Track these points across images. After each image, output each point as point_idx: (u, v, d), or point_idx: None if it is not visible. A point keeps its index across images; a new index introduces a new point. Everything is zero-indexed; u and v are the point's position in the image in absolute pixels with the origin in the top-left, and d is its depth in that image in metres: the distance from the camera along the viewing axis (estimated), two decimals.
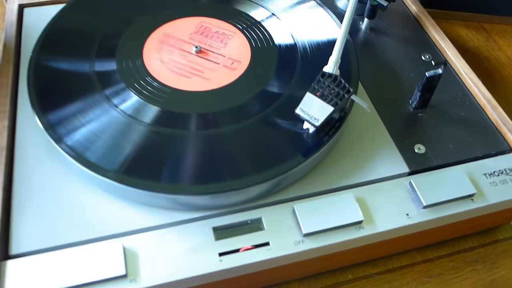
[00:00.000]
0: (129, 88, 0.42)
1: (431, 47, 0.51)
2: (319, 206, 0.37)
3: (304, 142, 0.39)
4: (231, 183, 0.36)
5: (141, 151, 0.38)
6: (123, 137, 0.38)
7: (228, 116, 0.40)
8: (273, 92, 0.42)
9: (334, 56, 0.40)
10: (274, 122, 0.40)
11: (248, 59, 0.44)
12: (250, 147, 0.39)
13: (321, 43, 0.46)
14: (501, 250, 0.45)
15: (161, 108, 0.40)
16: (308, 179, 0.39)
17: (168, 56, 0.44)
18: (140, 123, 0.39)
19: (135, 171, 0.36)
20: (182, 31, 0.46)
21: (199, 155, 0.38)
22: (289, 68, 0.44)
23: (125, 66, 0.43)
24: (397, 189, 0.39)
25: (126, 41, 0.45)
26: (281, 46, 0.46)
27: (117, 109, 0.40)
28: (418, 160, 0.41)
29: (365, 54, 0.50)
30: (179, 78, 0.43)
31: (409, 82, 0.47)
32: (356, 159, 0.41)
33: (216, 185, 0.36)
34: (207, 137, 0.39)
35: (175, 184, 0.36)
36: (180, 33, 0.46)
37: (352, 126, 0.43)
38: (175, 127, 0.39)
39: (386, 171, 0.40)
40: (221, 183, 0.36)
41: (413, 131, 0.43)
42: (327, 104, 0.37)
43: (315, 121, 0.37)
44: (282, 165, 0.37)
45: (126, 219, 0.36)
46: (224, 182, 0.36)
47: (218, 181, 0.36)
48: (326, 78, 0.39)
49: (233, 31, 0.47)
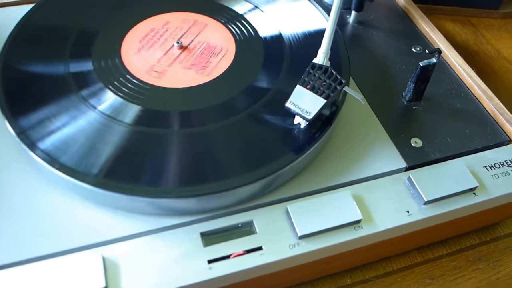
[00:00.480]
0: (107, 88, 0.39)
1: (421, 39, 0.50)
2: (314, 206, 0.35)
3: (295, 138, 0.36)
4: (219, 184, 0.34)
5: (122, 153, 0.35)
6: (102, 139, 0.36)
7: (213, 113, 0.38)
8: (260, 87, 0.40)
9: (324, 47, 0.38)
10: (263, 118, 0.38)
11: (233, 54, 0.42)
12: (238, 145, 0.36)
13: (309, 35, 0.44)
14: (503, 247, 0.43)
15: (142, 106, 0.38)
16: (302, 178, 0.36)
17: (148, 53, 0.42)
18: (120, 124, 0.37)
19: (115, 175, 0.34)
20: (162, 27, 0.44)
21: (183, 155, 0.35)
22: (276, 61, 0.41)
23: (102, 65, 0.41)
24: (395, 185, 0.37)
25: (103, 39, 0.43)
26: (267, 38, 0.43)
27: (95, 110, 0.37)
28: (415, 154, 0.39)
29: (354, 47, 0.48)
30: (161, 75, 0.40)
31: (401, 74, 0.45)
32: (351, 155, 0.38)
33: (203, 186, 0.33)
34: (192, 136, 0.36)
35: (159, 187, 0.33)
36: (161, 28, 0.44)
37: (345, 121, 0.40)
38: (157, 126, 0.37)
39: (383, 166, 0.38)
40: (209, 185, 0.34)
41: (408, 125, 0.41)
42: (319, 96, 0.35)
43: (307, 114, 0.34)
44: (273, 163, 0.35)
45: (106, 227, 0.33)
46: (212, 183, 0.34)
47: (205, 182, 0.34)
48: (317, 70, 0.36)
49: (216, 25, 0.44)
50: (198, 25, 0.44)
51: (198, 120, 0.37)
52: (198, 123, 0.37)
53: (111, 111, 0.37)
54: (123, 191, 0.33)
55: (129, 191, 0.33)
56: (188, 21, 0.44)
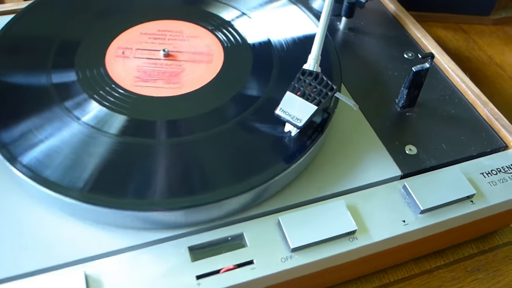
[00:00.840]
0: (91, 98, 0.37)
1: (413, 45, 0.49)
2: (307, 217, 0.33)
3: (286, 147, 0.35)
4: (207, 195, 0.32)
5: (106, 166, 0.34)
6: (87, 151, 0.34)
7: (201, 122, 0.36)
8: (250, 95, 0.38)
9: (314, 52, 0.37)
10: (252, 126, 0.36)
11: (221, 61, 0.41)
12: (227, 155, 0.35)
13: (299, 41, 0.43)
14: (502, 256, 0.41)
15: (128, 116, 0.36)
16: (294, 188, 0.35)
17: (133, 62, 0.40)
18: (105, 134, 0.35)
19: (100, 189, 0.32)
20: (148, 35, 0.43)
21: (170, 166, 0.34)
22: (265, 68, 0.40)
23: (86, 75, 0.39)
24: (390, 194, 0.36)
25: (86, 49, 0.42)
26: (255, 45, 0.42)
27: (79, 121, 0.36)
28: (410, 162, 0.38)
29: (346, 54, 0.47)
30: (147, 84, 0.39)
31: (394, 81, 0.44)
32: (344, 164, 0.37)
33: (191, 198, 0.32)
34: (179, 146, 0.35)
35: (144, 200, 0.32)
36: (146, 37, 0.43)
37: (337, 129, 0.39)
38: (143, 136, 0.35)
39: (377, 175, 0.37)
40: (196, 196, 0.32)
41: (402, 132, 0.40)
42: (310, 103, 0.34)
43: (297, 121, 0.33)
44: (263, 173, 0.33)
45: (89, 243, 0.32)
46: (200, 195, 0.32)
47: (192, 194, 0.32)
48: (307, 76, 0.35)
49: (203, 33, 0.43)
50: (184, 32, 0.43)
51: (185, 130, 0.36)
52: (185, 132, 0.36)
53: (95, 122, 0.36)
54: (107, 205, 0.31)
55: (114, 205, 0.31)
56: (175, 29, 0.43)
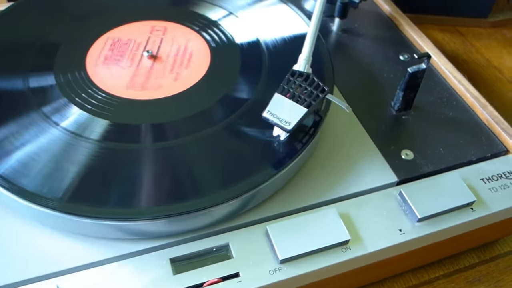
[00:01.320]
0: (71, 103, 0.36)
1: (409, 46, 0.47)
2: (297, 226, 0.31)
3: (275, 152, 0.33)
4: (190, 203, 0.30)
5: (84, 173, 0.32)
6: (66, 158, 0.32)
7: (186, 126, 0.35)
8: (237, 97, 0.37)
9: (305, 53, 0.35)
10: (240, 130, 0.34)
11: (208, 62, 0.39)
12: (213, 160, 0.33)
13: (289, 40, 0.41)
14: (504, 266, 0.39)
15: (111, 121, 0.35)
16: (283, 195, 0.33)
17: (116, 64, 0.39)
18: (86, 140, 0.33)
19: (78, 198, 0.30)
20: (130, 37, 0.41)
21: (152, 173, 0.32)
22: (254, 69, 0.38)
23: (65, 79, 0.37)
24: (386, 201, 0.34)
25: (66, 52, 0.40)
26: (244, 45, 0.41)
27: (58, 127, 0.34)
28: (406, 167, 0.36)
29: (339, 56, 0.45)
30: (130, 87, 0.37)
31: (389, 83, 0.43)
32: (337, 170, 0.35)
33: (173, 206, 0.30)
34: (161, 152, 0.33)
35: (123, 209, 0.30)
36: (128, 39, 0.41)
37: (329, 133, 0.37)
38: (125, 141, 0.34)
39: (371, 181, 0.35)
40: (179, 204, 0.30)
41: (398, 136, 0.38)
42: (300, 105, 0.32)
43: (286, 124, 0.31)
44: (251, 179, 0.31)
45: (65, 255, 0.30)
46: (183, 203, 0.30)
47: (175, 202, 0.30)
48: (297, 77, 0.33)
49: (189, 33, 0.41)
50: (169, 34, 0.41)
51: (169, 134, 0.34)
52: (169, 137, 0.34)
53: (75, 127, 0.34)
54: (83, 214, 0.29)
55: (90, 215, 0.29)
56: (159, 30, 0.41)
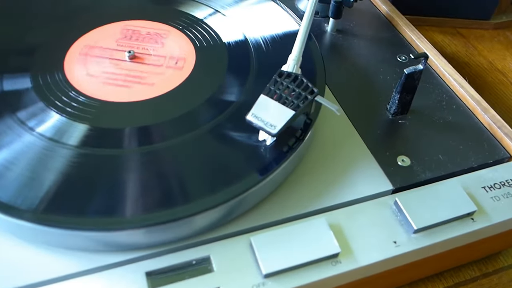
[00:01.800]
0: (48, 107, 0.34)
1: (407, 47, 0.45)
2: (283, 237, 0.29)
3: (261, 157, 0.31)
4: (169, 212, 0.28)
5: (59, 182, 0.29)
6: (42, 166, 0.30)
7: (166, 130, 0.32)
8: (223, 99, 0.35)
9: (295, 53, 0.33)
10: (224, 134, 0.32)
11: (193, 62, 0.37)
12: (194, 166, 0.31)
13: (279, 39, 0.39)
14: (508, 280, 0.37)
15: (90, 125, 0.32)
16: (269, 204, 0.31)
17: (95, 66, 0.37)
18: (64, 146, 0.31)
19: (52, 208, 0.28)
20: (112, 37, 0.39)
21: (126, 180, 0.30)
22: (241, 69, 0.36)
23: (42, 81, 0.35)
24: (380, 210, 0.32)
25: (43, 54, 0.38)
26: (231, 44, 0.38)
27: (34, 132, 0.32)
28: (402, 175, 0.34)
29: (333, 57, 0.43)
30: (111, 89, 0.35)
31: (385, 85, 0.40)
32: (327, 177, 0.33)
33: (150, 216, 0.28)
34: (139, 157, 0.31)
35: (98, 218, 0.28)
36: (109, 39, 0.39)
37: (320, 137, 0.35)
38: (104, 146, 0.32)
39: (365, 189, 0.33)
40: (156, 213, 0.28)
41: (394, 141, 0.36)
42: (287, 107, 0.30)
43: (271, 128, 0.29)
44: (234, 187, 0.29)
45: (35, 267, 0.28)
46: (160, 212, 0.28)
47: (152, 211, 0.28)
48: (285, 78, 0.31)
49: (173, 32, 0.39)
50: (152, 33, 0.39)
51: (148, 138, 0.32)
52: (148, 141, 0.32)
53: (53, 133, 0.32)
54: (54, 225, 0.27)
55: (61, 225, 0.27)
56: (141, 30, 0.39)
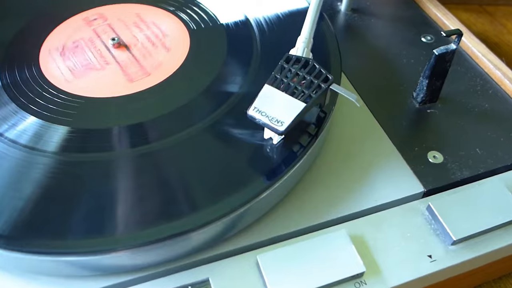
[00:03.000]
0: (21, 107, 0.29)
1: (432, 26, 0.40)
2: (295, 255, 0.24)
3: (267, 159, 0.26)
4: (160, 228, 0.23)
5: (36, 198, 0.25)
6: (15, 180, 0.26)
7: (157, 128, 0.28)
8: (222, 90, 0.30)
9: (305, 34, 0.28)
10: (223, 132, 0.28)
11: (187, 48, 0.32)
12: (188, 172, 0.26)
13: (285, 19, 0.34)
14: None
15: (71, 127, 0.28)
16: (277, 215, 0.26)
17: (75, 58, 0.32)
18: (43, 154, 0.27)
19: (22, 231, 0.24)
20: (92, 24, 0.34)
21: (110, 191, 0.25)
22: (243, 55, 0.31)
23: (13, 78, 0.31)
24: (410, 218, 0.27)
25: (13, 47, 0.33)
26: (230, 26, 0.33)
27: (4, 139, 0.27)
28: (435, 174, 0.29)
29: (348, 39, 0.38)
30: (92, 84, 0.30)
31: (410, 70, 0.35)
32: (347, 180, 0.28)
33: (139, 234, 0.23)
34: (126, 162, 0.26)
35: (79, 240, 0.23)
36: (90, 26, 0.34)
37: (336, 134, 0.30)
38: (85, 150, 0.27)
39: (391, 193, 0.28)
40: (146, 230, 0.23)
41: (423, 134, 0.31)
42: (296, 99, 0.25)
43: (278, 124, 0.24)
44: (236, 196, 0.24)
45: None
46: (151, 228, 0.24)
47: (141, 227, 0.24)
48: (293, 64, 0.26)
49: (162, 15, 0.34)
50: (140, 18, 0.34)
51: (136, 139, 0.27)
52: (136, 142, 0.27)
53: (27, 138, 0.28)
54: (28, 251, 0.23)
55: (37, 249, 0.23)
56: (127, 15, 0.35)
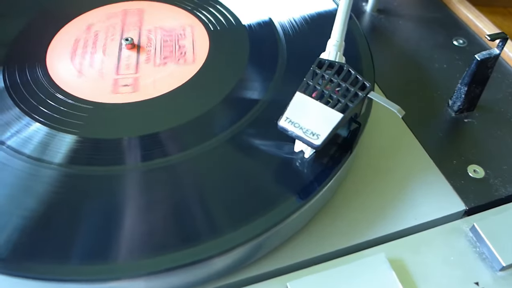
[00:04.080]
0: (25, 112, 0.27)
1: (463, 28, 0.37)
2: (329, 281, 0.22)
3: (298, 175, 0.24)
4: (179, 254, 0.21)
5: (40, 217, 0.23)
6: (16, 194, 0.23)
7: (172, 141, 0.25)
8: (245, 97, 0.27)
9: (335, 37, 0.26)
10: (247, 145, 0.25)
11: (206, 51, 0.29)
12: (207, 190, 0.24)
13: (312, 21, 0.31)
14: None
15: (79, 136, 0.26)
16: (306, 236, 0.24)
17: (86, 59, 0.30)
18: (48, 166, 0.24)
19: (31, 254, 0.21)
20: (102, 23, 0.32)
21: (124, 212, 0.23)
22: (267, 59, 0.29)
23: (17, 80, 0.29)
24: (451, 239, 0.24)
25: (18, 46, 0.31)
26: (253, 27, 0.31)
27: (6, 148, 0.25)
28: (476, 190, 0.26)
29: (375, 42, 0.36)
30: (105, 88, 0.28)
31: (443, 75, 0.33)
32: (381, 197, 0.26)
33: (156, 259, 0.21)
34: (138, 178, 0.24)
35: (87, 266, 0.21)
36: (102, 25, 0.32)
37: (368, 146, 0.28)
38: (92, 163, 0.25)
39: (431, 211, 0.25)
40: (165, 256, 0.21)
41: (461, 146, 0.29)
42: (331, 109, 0.23)
43: (313, 137, 0.22)
44: (264, 216, 0.22)
45: None
46: (169, 253, 0.21)
47: (159, 252, 0.21)
48: (326, 70, 0.24)
49: (179, 15, 0.32)
50: (154, 16, 0.32)
51: (150, 151, 0.25)
52: (150, 155, 0.25)
53: (31, 148, 0.25)
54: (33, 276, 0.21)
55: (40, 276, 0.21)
56: (141, 12, 0.32)
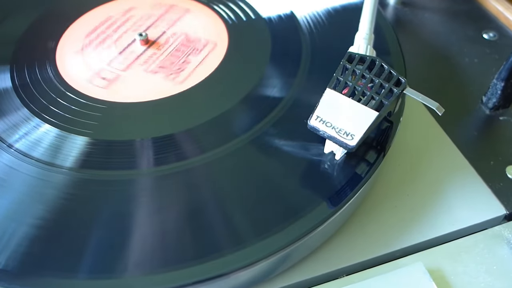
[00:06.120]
0: (34, 113, 0.25)
1: (493, 21, 0.35)
2: None
3: (329, 180, 0.22)
4: (198, 268, 0.19)
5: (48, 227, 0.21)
6: (28, 200, 0.22)
7: (188, 143, 0.24)
8: (267, 95, 0.25)
9: (365, 29, 0.24)
10: (271, 146, 0.23)
11: (225, 47, 0.28)
12: (228, 197, 0.22)
13: (336, 14, 0.30)
14: None
15: (91, 138, 0.24)
16: (336, 244, 0.22)
17: (98, 56, 0.28)
18: (59, 170, 0.23)
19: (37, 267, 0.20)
20: (122, 15, 0.30)
21: (139, 222, 0.21)
22: (290, 55, 0.27)
23: (26, 79, 0.27)
24: (494, 247, 0.22)
25: (27, 44, 0.29)
26: (274, 21, 0.29)
27: (12, 150, 0.24)
28: None
29: (401, 36, 0.33)
30: (110, 84, 0.26)
31: (474, 71, 0.31)
32: (415, 201, 0.24)
33: (174, 273, 0.19)
34: (150, 185, 0.22)
35: (88, 281, 0.19)
36: (111, 21, 0.30)
37: (398, 145, 0.26)
38: (105, 167, 0.23)
39: (469, 215, 0.23)
40: (184, 269, 0.19)
41: (498, 145, 0.27)
42: (365, 106, 0.21)
43: (347, 138, 0.20)
44: (292, 225, 0.20)
45: None
46: (188, 267, 0.19)
47: (177, 265, 0.20)
48: (357, 64, 0.22)
49: (196, 8, 0.30)
50: (174, 10, 0.30)
51: (166, 154, 0.23)
52: (166, 159, 0.23)
53: (41, 151, 0.23)
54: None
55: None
56: (161, 6, 0.31)
